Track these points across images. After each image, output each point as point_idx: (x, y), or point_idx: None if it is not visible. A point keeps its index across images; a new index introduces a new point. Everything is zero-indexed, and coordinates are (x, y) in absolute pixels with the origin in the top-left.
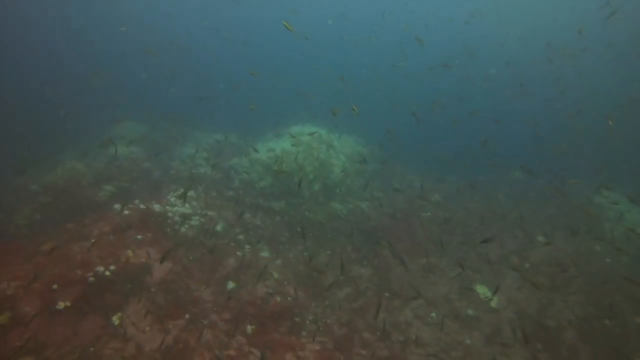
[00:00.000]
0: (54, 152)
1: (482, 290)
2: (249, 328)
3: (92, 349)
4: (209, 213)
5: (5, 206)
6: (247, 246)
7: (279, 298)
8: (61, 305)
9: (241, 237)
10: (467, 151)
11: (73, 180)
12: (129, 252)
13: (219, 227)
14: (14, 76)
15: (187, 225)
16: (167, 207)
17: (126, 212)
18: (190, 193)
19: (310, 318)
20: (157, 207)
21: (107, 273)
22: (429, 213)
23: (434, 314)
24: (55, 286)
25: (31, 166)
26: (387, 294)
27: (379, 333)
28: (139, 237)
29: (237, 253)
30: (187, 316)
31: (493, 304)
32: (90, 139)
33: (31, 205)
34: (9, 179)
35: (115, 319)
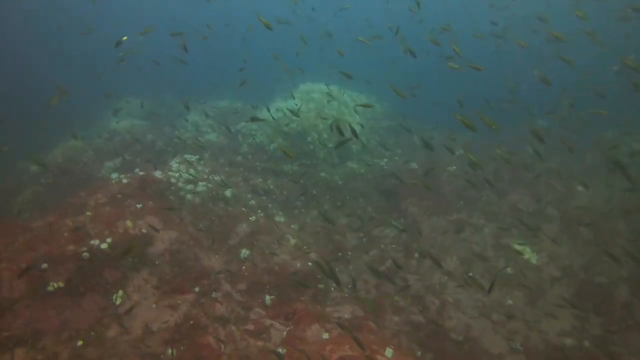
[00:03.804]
0: (54, 132)
1: (519, 246)
2: (268, 298)
3: (92, 333)
4: (216, 178)
5: (7, 190)
6: (260, 212)
7: (299, 264)
8: (53, 286)
9: (253, 202)
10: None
11: (73, 158)
12: (128, 223)
13: (228, 193)
14: (13, 57)
15: (192, 193)
16: (170, 172)
17: (124, 180)
18: (195, 158)
19: (334, 285)
20: (158, 173)
21: (104, 246)
22: (454, 167)
23: (470, 274)
24: (44, 265)
25: (32, 148)
26: (416, 255)
27: (410, 298)
28: (138, 206)
29: (250, 219)
30: (197, 289)
31: (533, 260)
32: (91, 115)
33: (32, 187)
34: (11, 164)
35: (117, 298)
